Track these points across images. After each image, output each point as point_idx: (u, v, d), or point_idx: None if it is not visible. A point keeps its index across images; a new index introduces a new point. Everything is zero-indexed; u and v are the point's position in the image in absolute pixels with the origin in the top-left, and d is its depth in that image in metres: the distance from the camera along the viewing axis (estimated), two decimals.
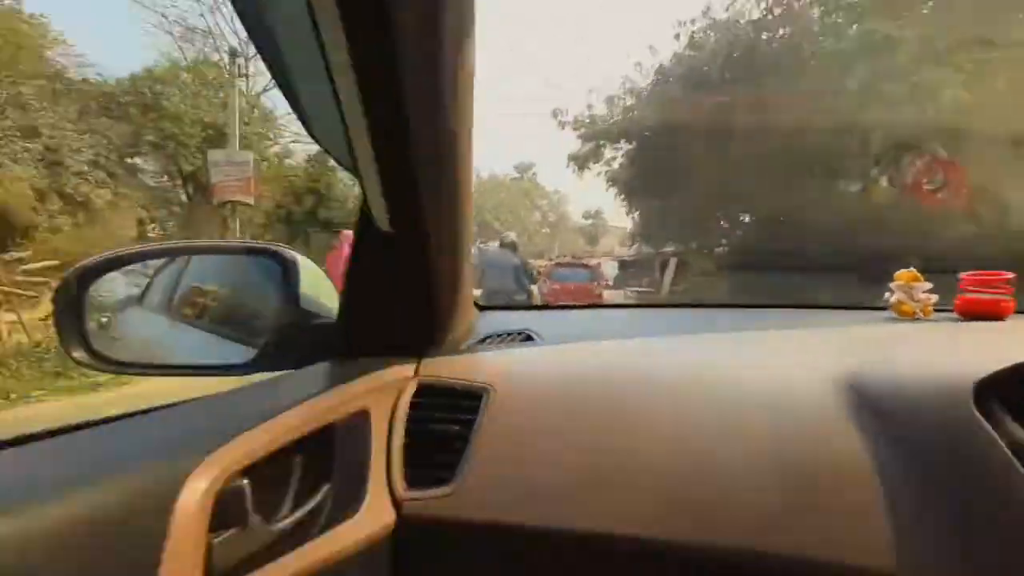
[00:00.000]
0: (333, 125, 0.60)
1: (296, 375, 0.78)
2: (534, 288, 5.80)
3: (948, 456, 0.60)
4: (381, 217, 0.71)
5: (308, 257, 0.91)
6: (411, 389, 0.76)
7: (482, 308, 1.18)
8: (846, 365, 0.71)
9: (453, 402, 0.75)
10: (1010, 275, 0.97)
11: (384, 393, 0.74)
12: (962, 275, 1.00)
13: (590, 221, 42.55)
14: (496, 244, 6.03)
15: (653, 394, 0.73)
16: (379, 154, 0.62)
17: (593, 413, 0.71)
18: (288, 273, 0.87)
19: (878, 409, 0.64)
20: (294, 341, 0.84)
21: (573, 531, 0.64)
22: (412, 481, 0.69)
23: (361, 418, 0.68)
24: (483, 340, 0.98)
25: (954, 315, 1.02)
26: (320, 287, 0.90)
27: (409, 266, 0.77)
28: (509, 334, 1.01)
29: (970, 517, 0.57)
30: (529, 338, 0.99)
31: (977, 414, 0.59)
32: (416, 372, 0.80)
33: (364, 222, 0.75)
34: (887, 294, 1.04)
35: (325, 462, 0.63)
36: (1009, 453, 0.57)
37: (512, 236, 6.03)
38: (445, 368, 0.81)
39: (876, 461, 0.61)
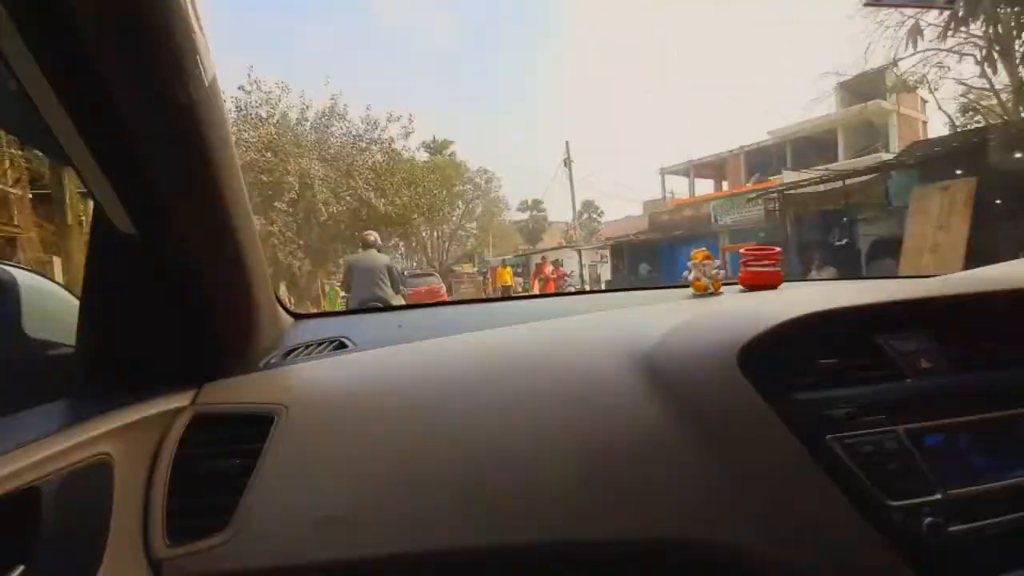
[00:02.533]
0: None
1: (5, 424, 0.59)
2: (403, 291, 5.24)
3: (722, 419, 0.64)
4: (118, 216, 0.59)
5: None
6: (182, 422, 0.65)
7: (297, 316, 1.06)
8: (639, 344, 0.73)
9: (236, 432, 0.65)
10: (777, 249, 1.12)
11: (138, 433, 0.61)
12: (742, 250, 1.13)
13: (527, 214, 36.26)
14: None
15: (452, 396, 0.69)
16: (92, 138, 0.51)
17: (391, 423, 0.66)
18: (4, 296, 0.68)
19: (664, 382, 0.67)
20: (16, 379, 0.67)
21: (373, 557, 0.58)
22: (178, 534, 0.58)
23: (95, 470, 0.54)
24: (289, 353, 0.88)
25: (740, 287, 1.14)
26: (60, 309, 0.72)
27: (168, 274, 0.65)
28: (321, 343, 0.91)
29: (744, 475, 0.61)
30: (342, 345, 0.91)
31: (741, 376, 0.64)
32: (194, 400, 0.68)
33: (99, 223, 0.62)
34: (686, 272, 1.14)
35: (19, 537, 0.48)
36: (772, 412, 0.62)
37: (374, 236, 5.39)
38: (232, 391, 0.71)
39: (666, 433, 0.63)
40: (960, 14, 8.07)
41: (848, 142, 17.83)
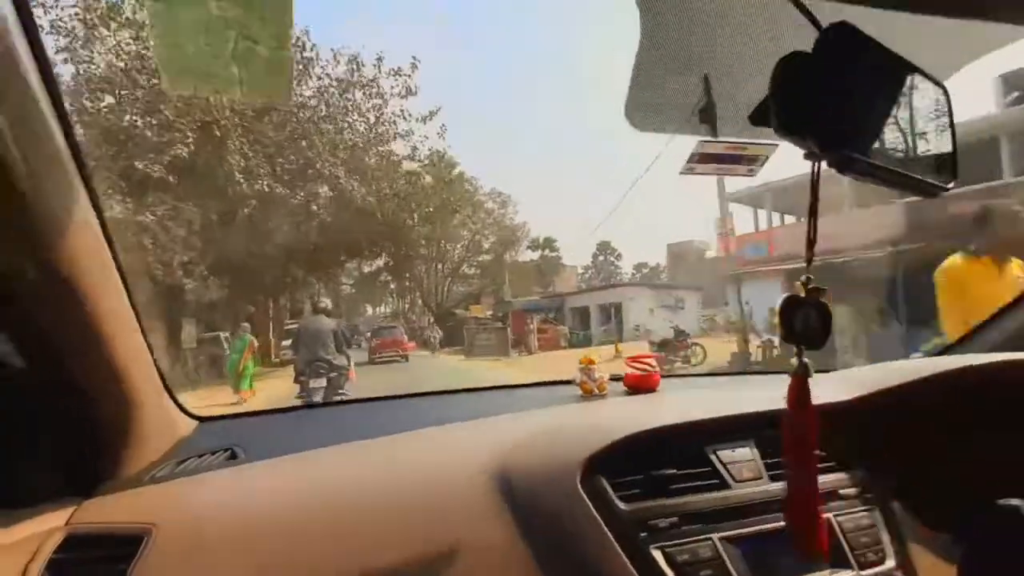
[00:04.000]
0: None
1: None
2: (350, 353, 5.88)
3: (561, 534, 0.68)
4: (1, 348, 0.62)
5: None
6: (52, 543, 0.64)
7: (202, 419, 1.11)
8: (498, 456, 0.78)
9: (109, 552, 0.64)
10: (653, 355, 1.21)
11: (6, 557, 0.61)
12: (627, 359, 1.23)
13: (538, 254, 31.94)
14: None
15: (314, 517, 0.71)
16: None
17: (254, 548, 0.67)
18: None
19: (514, 494, 0.72)
20: None
21: None
22: None
23: None
24: (182, 462, 0.88)
25: (623, 388, 1.21)
26: None
27: (46, 396, 0.67)
28: (214, 452, 0.92)
29: None
30: (234, 455, 0.92)
31: (580, 490, 0.69)
32: (70, 519, 0.69)
33: None
34: (574, 374, 1.22)
35: None
36: (603, 525, 0.68)
37: (326, 302, 6.10)
38: (111, 508, 0.71)
39: (512, 547, 0.68)
40: None
41: (1018, 151, 12.24)
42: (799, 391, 0.58)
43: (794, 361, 0.57)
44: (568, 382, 1.25)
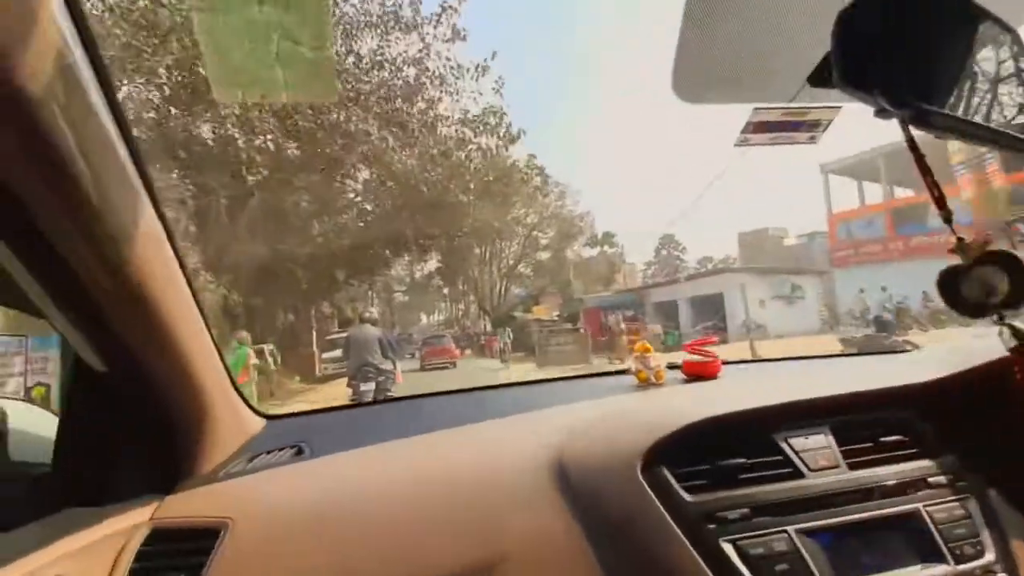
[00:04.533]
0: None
1: None
2: (400, 360, 6.56)
3: (624, 528, 0.66)
4: (89, 358, 0.70)
5: None
6: (139, 538, 0.69)
7: (269, 417, 1.15)
8: (554, 447, 0.76)
9: (191, 545, 0.68)
10: (715, 339, 1.15)
11: (96, 551, 0.65)
12: (684, 345, 1.18)
13: (596, 250, 28.10)
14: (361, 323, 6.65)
15: (378, 509, 0.73)
16: (57, 297, 0.62)
17: (328, 536, 0.69)
18: None
19: (571, 487, 0.70)
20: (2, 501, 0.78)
21: None
22: None
23: None
24: (253, 458, 0.92)
25: (682, 376, 1.15)
26: (43, 430, 0.85)
27: (132, 401, 0.74)
28: (281, 448, 0.96)
29: None
30: (300, 451, 0.95)
31: (641, 481, 0.67)
32: (154, 514, 0.73)
33: (75, 365, 0.73)
34: (629, 362, 1.18)
35: None
36: (667, 517, 0.65)
37: (373, 312, 6.76)
38: (191, 504, 0.76)
39: (570, 543, 0.66)
40: None
41: None
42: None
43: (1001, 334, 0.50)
44: (624, 372, 1.21)
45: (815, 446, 0.74)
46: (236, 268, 8.29)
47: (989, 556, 0.69)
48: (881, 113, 0.48)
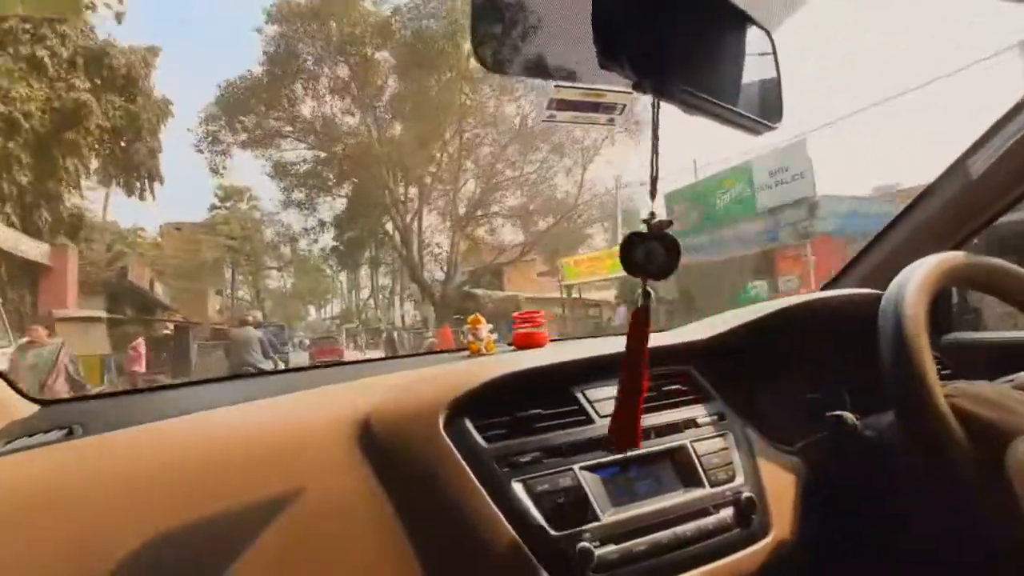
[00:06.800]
0: None
1: None
2: (287, 355, 7.14)
3: (422, 476, 0.69)
4: None
5: None
6: None
7: (46, 403, 1.03)
8: (361, 405, 0.76)
9: None
10: (541, 312, 1.23)
11: None
12: (514, 315, 1.24)
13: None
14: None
15: (148, 486, 0.68)
16: None
17: (76, 523, 0.63)
18: None
19: (373, 440, 0.71)
20: None
21: None
22: None
23: None
24: (11, 441, 0.84)
25: (511, 347, 1.21)
26: None
27: None
28: (50, 431, 0.87)
29: (440, 536, 0.65)
30: (71, 432, 0.86)
31: (442, 432, 0.70)
32: None
33: None
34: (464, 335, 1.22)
35: None
36: (463, 462, 0.68)
37: (256, 314, 7.91)
38: None
39: (363, 492, 0.67)
40: None
41: None
42: (638, 317, 0.63)
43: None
44: (465, 349, 1.24)
45: (606, 396, 0.81)
46: None
47: (739, 479, 0.81)
48: (637, 86, 0.52)
